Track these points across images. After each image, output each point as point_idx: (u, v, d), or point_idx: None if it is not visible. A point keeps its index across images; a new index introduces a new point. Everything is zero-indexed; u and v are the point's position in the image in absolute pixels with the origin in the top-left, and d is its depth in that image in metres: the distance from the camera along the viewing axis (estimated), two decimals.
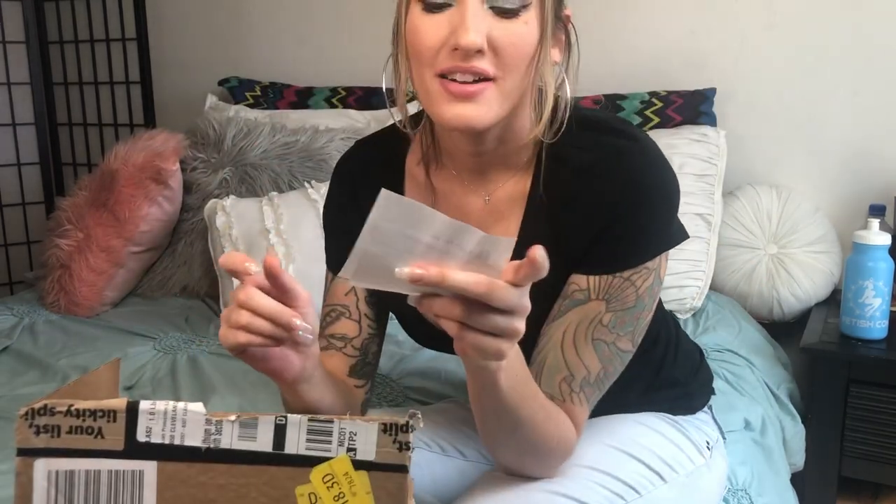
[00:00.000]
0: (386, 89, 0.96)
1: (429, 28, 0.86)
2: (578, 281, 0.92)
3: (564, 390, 0.91)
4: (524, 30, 0.86)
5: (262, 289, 0.77)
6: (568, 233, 0.93)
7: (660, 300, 1.15)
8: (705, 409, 1.20)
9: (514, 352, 0.79)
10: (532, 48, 0.87)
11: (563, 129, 0.94)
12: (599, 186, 0.91)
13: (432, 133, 1.02)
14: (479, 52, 0.84)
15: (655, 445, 1.07)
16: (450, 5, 0.85)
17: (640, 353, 1.07)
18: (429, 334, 1.09)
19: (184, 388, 1.64)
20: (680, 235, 0.96)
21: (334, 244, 1.12)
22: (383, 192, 0.65)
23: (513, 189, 0.99)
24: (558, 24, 0.92)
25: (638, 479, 1.01)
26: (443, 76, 0.86)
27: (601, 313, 0.91)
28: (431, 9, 0.86)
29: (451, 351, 1.14)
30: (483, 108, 0.86)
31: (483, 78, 0.85)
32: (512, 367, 0.80)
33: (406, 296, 0.76)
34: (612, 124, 0.95)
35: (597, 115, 0.98)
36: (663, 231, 0.93)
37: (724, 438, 1.21)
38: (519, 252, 0.98)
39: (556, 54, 0.93)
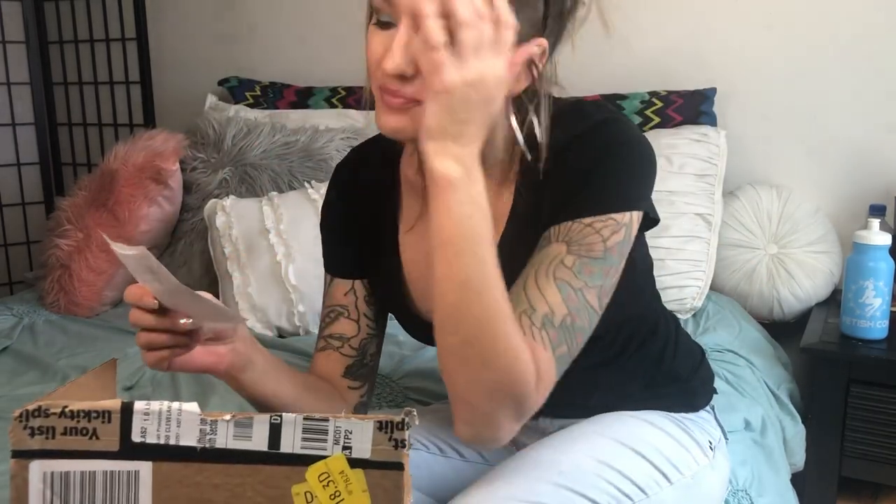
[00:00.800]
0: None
1: (375, 43, 0.88)
2: (545, 234, 0.92)
3: (525, 324, 0.85)
4: None
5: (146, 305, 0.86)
6: (546, 207, 0.93)
7: (656, 293, 1.15)
8: (707, 408, 1.19)
9: (472, 194, 0.79)
10: None
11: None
12: (572, 157, 0.92)
13: None
14: (403, 77, 0.85)
15: (662, 445, 1.06)
16: (394, 25, 0.86)
17: (639, 344, 1.07)
18: (430, 333, 1.09)
19: (183, 389, 1.64)
20: (653, 209, 0.96)
21: (330, 248, 1.13)
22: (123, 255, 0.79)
23: (496, 189, 0.98)
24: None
25: (646, 480, 1.00)
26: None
27: (562, 254, 0.88)
28: (381, 25, 0.88)
29: None
30: (403, 121, 0.87)
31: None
32: (465, 200, 0.79)
33: (407, 297, 0.79)
34: (586, 110, 0.96)
35: (571, 103, 0.97)
36: (631, 189, 0.92)
37: (726, 439, 1.21)
38: (503, 252, 0.98)
39: (515, 86, 0.90)
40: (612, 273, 0.90)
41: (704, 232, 1.97)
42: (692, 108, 2.11)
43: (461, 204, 0.78)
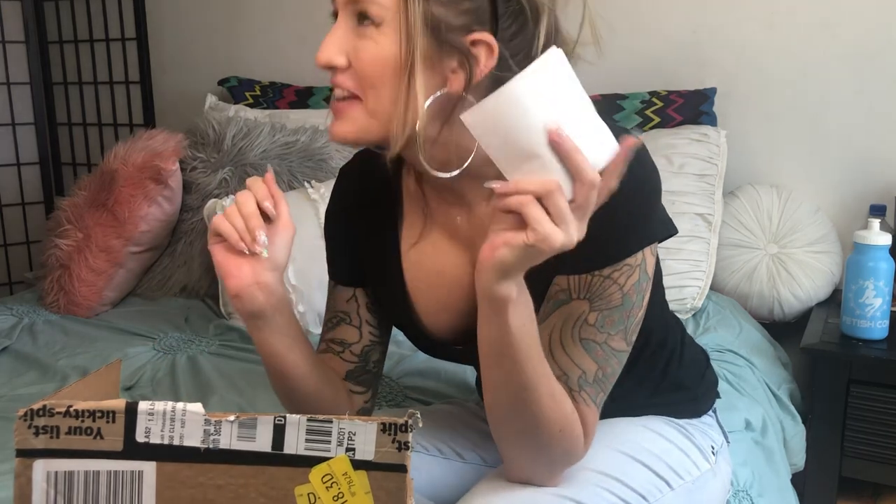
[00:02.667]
0: None
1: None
2: (560, 282, 0.91)
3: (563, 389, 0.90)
4: (374, 48, 0.85)
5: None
6: None
7: (664, 303, 1.14)
8: (710, 412, 1.19)
9: (524, 304, 0.81)
10: (389, 68, 0.85)
11: None
12: None
13: None
14: (337, 68, 0.88)
15: (663, 451, 1.05)
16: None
17: (645, 357, 1.06)
18: (431, 343, 1.08)
19: (183, 389, 1.64)
20: (663, 230, 0.95)
21: (332, 255, 1.12)
22: (554, 53, 0.73)
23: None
24: (450, 50, 0.85)
25: (646, 487, 1.00)
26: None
27: (585, 313, 0.90)
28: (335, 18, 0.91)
29: (452, 359, 1.13)
30: (346, 125, 0.89)
31: (351, 95, 0.88)
32: (521, 312, 0.81)
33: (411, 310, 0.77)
34: None
35: None
36: (641, 226, 0.91)
37: (727, 442, 1.21)
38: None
39: (454, 81, 0.86)
40: (633, 312, 0.92)
41: (704, 232, 1.97)
42: (692, 108, 2.11)
43: (518, 317, 0.81)
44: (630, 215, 0.90)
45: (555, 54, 0.73)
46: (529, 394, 0.84)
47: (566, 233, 0.74)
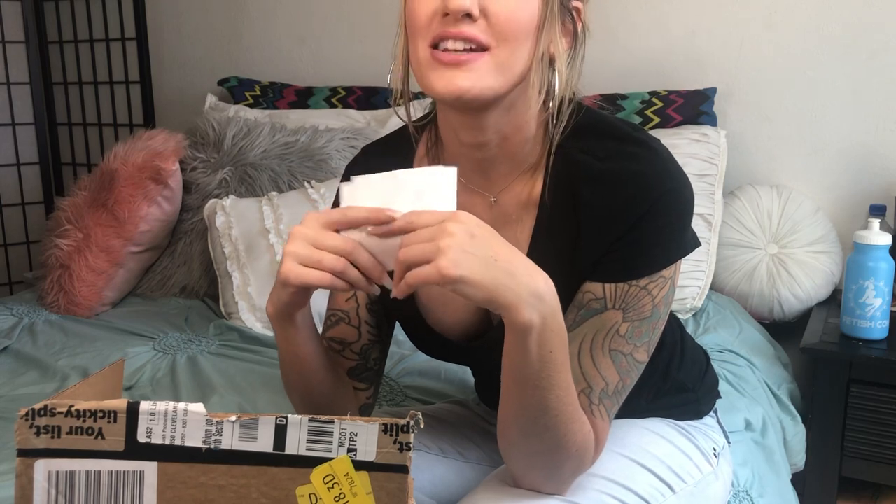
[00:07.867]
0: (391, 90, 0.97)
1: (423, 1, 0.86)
2: (594, 289, 0.90)
3: (584, 402, 0.89)
4: (515, 2, 0.84)
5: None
6: (581, 241, 0.91)
7: None
8: (711, 413, 1.19)
9: (553, 327, 0.78)
10: (530, 21, 0.85)
11: (569, 130, 0.92)
12: (614, 196, 0.88)
13: (437, 134, 1.01)
14: (470, 16, 0.82)
15: (665, 455, 1.05)
16: None
17: None
18: (434, 342, 1.08)
19: (183, 389, 1.64)
20: (693, 243, 0.95)
21: None
22: (349, 183, 0.79)
23: (522, 192, 0.96)
24: (565, 12, 0.89)
25: (649, 491, 1.00)
26: (435, 46, 0.85)
27: (618, 323, 0.89)
28: None
29: (455, 359, 1.12)
30: (473, 77, 0.83)
31: (475, 48, 0.83)
32: (548, 340, 0.78)
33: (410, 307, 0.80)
34: (625, 131, 0.93)
35: (610, 121, 0.95)
36: (678, 239, 0.91)
37: (728, 443, 1.20)
38: (534, 260, 0.96)
39: (563, 43, 0.90)
40: (659, 325, 0.92)
41: (704, 232, 1.97)
42: (692, 108, 2.11)
43: (543, 343, 0.78)
44: (672, 225, 0.90)
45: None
46: (550, 419, 0.83)
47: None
